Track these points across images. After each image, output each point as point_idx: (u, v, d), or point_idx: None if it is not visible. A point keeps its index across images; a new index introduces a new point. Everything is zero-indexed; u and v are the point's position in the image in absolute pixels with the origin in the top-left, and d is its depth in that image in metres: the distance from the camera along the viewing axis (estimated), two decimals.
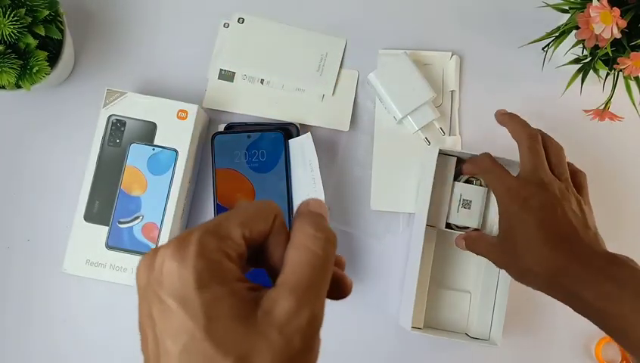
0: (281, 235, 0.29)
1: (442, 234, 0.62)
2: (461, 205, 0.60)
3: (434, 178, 0.59)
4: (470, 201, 0.60)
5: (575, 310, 0.47)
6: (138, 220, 0.58)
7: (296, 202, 0.60)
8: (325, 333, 0.27)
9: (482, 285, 0.62)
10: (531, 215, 0.49)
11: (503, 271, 0.59)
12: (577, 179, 0.54)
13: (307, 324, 0.25)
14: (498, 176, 0.53)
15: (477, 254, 0.56)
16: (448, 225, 0.61)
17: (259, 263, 0.30)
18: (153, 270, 0.26)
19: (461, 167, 0.61)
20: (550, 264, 0.48)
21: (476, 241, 0.56)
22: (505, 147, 0.58)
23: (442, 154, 0.61)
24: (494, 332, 0.60)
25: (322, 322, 0.27)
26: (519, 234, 0.50)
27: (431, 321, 0.62)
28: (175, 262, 0.25)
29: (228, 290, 0.25)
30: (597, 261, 0.47)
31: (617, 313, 0.44)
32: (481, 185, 0.61)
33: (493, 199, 0.61)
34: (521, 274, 0.50)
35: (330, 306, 0.28)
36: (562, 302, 0.48)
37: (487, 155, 0.56)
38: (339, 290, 0.30)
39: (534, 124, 0.64)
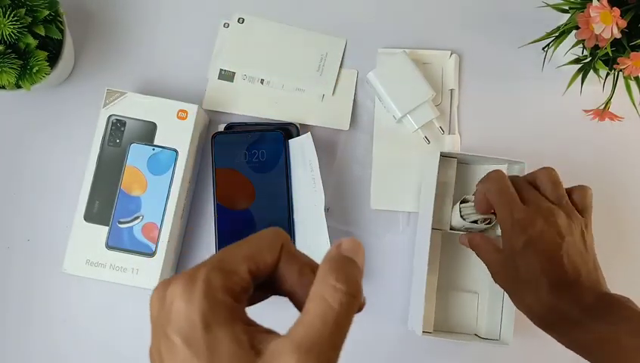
0: (291, 264, 0.28)
1: (448, 236, 0.62)
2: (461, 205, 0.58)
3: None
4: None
5: (569, 348, 0.47)
6: (138, 220, 0.58)
7: (297, 202, 0.60)
8: None
9: (489, 285, 0.62)
10: (535, 258, 0.47)
11: None
12: (580, 199, 0.51)
13: None
14: (506, 203, 0.50)
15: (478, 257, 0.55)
16: (453, 227, 0.60)
17: (276, 290, 0.29)
18: (164, 306, 0.26)
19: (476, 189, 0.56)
20: (550, 307, 0.47)
21: (479, 246, 0.54)
22: (504, 146, 0.58)
23: (443, 156, 0.61)
24: (504, 332, 0.59)
25: None
26: (522, 271, 0.48)
27: (441, 323, 0.62)
28: (182, 301, 0.25)
29: (230, 333, 0.25)
30: (597, 305, 0.46)
31: (615, 353, 0.44)
32: None
33: None
34: (517, 303, 0.49)
35: None
36: (556, 340, 0.48)
37: (498, 176, 0.52)
38: None
39: (534, 124, 0.65)
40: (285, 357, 0.24)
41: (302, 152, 0.60)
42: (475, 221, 0.57)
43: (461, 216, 0.57)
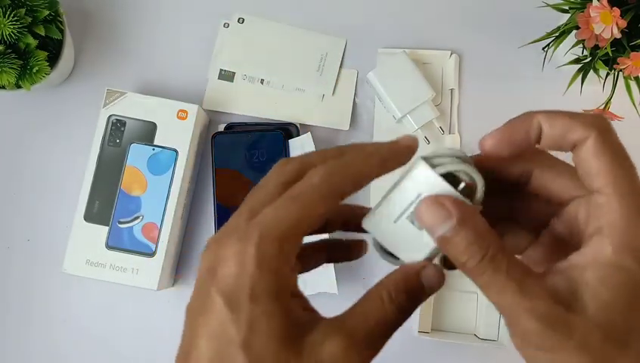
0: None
1: None
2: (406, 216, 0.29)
3: None
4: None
5: None
6: (138, 220, 0.58)
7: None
8: None
9: None
10: None
11: None
12: None
13: None
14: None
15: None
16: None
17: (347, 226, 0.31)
18: (213, 264, 0.25)
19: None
20: None
21: (480, 271, 0.28)
22: None
23: None
24: (502, 332, 0.59)
25: None
26: None
27: (439, 323, 0.62)
28: (234, 265, 0.24)
29: (280, 307, 0.24)
30: None
31: None
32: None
33: None
34: None
35: (333, 307, 0.28)
36: None
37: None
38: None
39: None
40: (336, 342, 0.24)
41: (302, 152, 0.60)
42: (452, 180, 0.28)
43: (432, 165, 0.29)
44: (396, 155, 0.28)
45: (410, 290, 0.27)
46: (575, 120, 0.26)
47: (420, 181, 0.28)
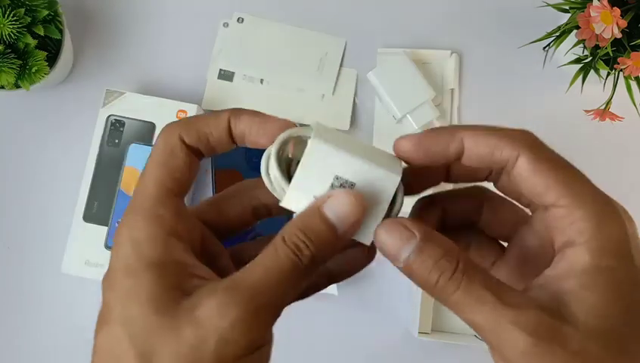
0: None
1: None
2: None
3: None
4: (353, 184, 0.26)
5: None
6: None
7: None
8: (328, 337, 0.26)
9: None
10: None
11: None
12: None
13: (231, 327, 0.22)
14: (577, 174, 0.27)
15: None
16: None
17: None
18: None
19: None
20: None
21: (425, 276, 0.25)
22: None
23: None
24: None
25: (267, 349, 0.24)
26: None
27: (439, 324, 0.61)
28: (113, 252, 0.24)
29: (153, 276, 0.23)
30: None
31: None
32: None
33: None
34: None
35: (332, 307, 0.28)
36: None
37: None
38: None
39: (535, 124, 0.64)
40: (214, 295, 0.22)
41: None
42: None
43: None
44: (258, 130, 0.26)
45: (308, 227, 0.24)
46: (501, 138, 0.25)
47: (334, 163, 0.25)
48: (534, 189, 0.24)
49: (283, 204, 0.26)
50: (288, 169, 0.26)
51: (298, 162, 0.25)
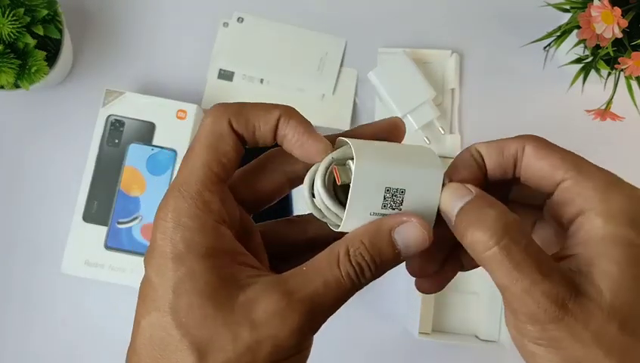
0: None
1: None
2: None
3: None
4: (403, 190, 0.26)
5: None
6: (137, 220, 0.58)
7: (297, 202, 0.60)
8: (327, 337, 0.26)
9: (489, 285, 0.61)
10: None
11: None
12: None
13: (289, 335, 0.22)
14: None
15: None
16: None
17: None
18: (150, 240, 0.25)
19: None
20: None
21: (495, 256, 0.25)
22: None
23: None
24: (504, 333, 0.59)
25: (307, 353, 0.24)
26: None
27: (439, 324, 0.61)
28: (156, 233, 0.24)
29: (206, 265, 0.23)
30: None
31: None
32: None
33: None
34: None
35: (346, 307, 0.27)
36: None
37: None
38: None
39: (535, 124, 0.64)
40: (271, 297, 0.22)
41: None
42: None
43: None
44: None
45: (376, 249, 0.24)
46: (506, 140, 0.27)
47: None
48: (540, 171, 0.25)
49: (341, 230, 0.25)
50: (333, 190, 0.26)
51: (341, 183, 0.25)
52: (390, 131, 0.27)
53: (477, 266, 0.26)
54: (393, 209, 0.25)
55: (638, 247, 0.23)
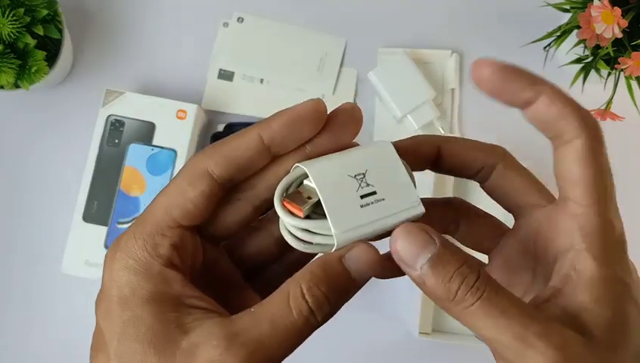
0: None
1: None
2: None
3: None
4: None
5: None
6: None
7: None
8: (327, 337, 0.25)
9: None
10: None
11: None
12: None
13: None
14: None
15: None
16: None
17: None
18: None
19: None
20: None
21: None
22: (506, 145, 0.58)
23: None
24: None
25: None
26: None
27: (440, 324, 0.61)
28: (105, 273, 0.23)
29: (151, 309, 0.22)
30: None
31: None
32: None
33: None
34: None
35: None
36: None
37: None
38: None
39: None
40: (213, 342, 0.21)
41: None
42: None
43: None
44: (290, 134, 0.25)
45: (330, 278, 0.22)
46: (573, 112, 0.23)
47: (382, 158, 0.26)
48: (570, 175, 0.23)
49: (339, 245, 0.24)
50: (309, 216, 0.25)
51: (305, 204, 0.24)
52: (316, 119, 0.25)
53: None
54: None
55: (628, 286, 0.22)
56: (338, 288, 0.23)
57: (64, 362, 0.62)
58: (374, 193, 0.24)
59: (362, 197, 0.24)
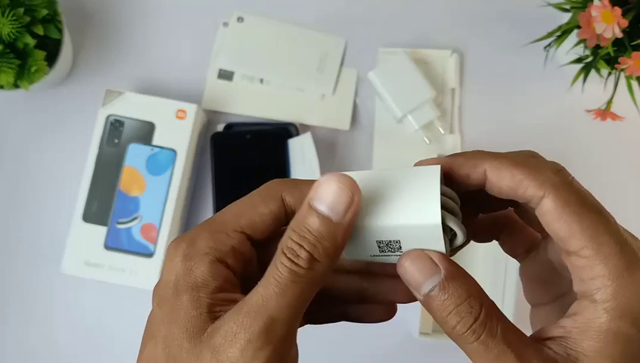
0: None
1: None
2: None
3: None
4: (398, 240, 0.25)
5: None
6: (137, 221, 0.58)
7: None
8: (327, 336, 0.26)
9: (489, 285, 0.61)
10: None
11: (511, 268, 0.57)
12: None
13: (242, 355, 0.22)
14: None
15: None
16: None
17: None
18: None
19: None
20: None
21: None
22: (506, 145, 0.58)
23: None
24: None
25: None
26: None
27: None
28: (167, 263, 0.25)
29: (192, 297, 0.23)
30: None
31: None
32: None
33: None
34: None
35: None
36: None
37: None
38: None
39: (535, 124, 0.64)
40: (226, 322, 0.23)
41: (302, 152, 0.60)
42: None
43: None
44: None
45: (300, 226, 0.23)
46: (527, 175, 0.23)
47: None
48: (557, 233, 0.23)
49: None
50: None
51: None
52: None
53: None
54: (393, 252, 0.25)
55: (634, 341, 0.22)
56: (311, 230, 0.23)
57: (64, 362, 0.62)
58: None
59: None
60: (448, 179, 0.25)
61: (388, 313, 0.29)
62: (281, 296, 0.22)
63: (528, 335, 0.24)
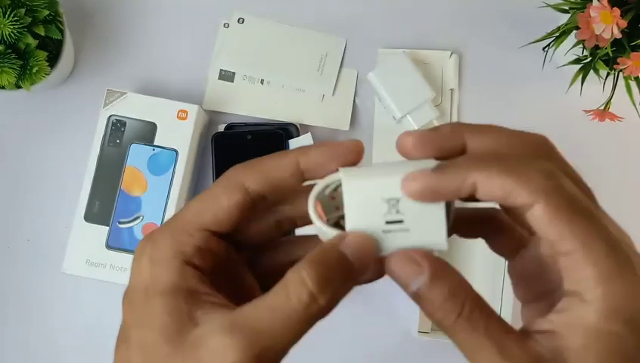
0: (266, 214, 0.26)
1: None
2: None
3: None
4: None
5: None
6: (139, 220, 0.58)
7: None
8: (327, 336, 0.26)
9: (488, 284, 0.61)
10: None
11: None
12: None
13: None
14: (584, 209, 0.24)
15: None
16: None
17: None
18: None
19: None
20: None
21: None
22: None
23: None
24: None
25: None
26: None
27: None
28: (134, 266, 0.25)
29: (165, 302, 0.23)
30: None
31: None
32: None
33: None
34: None
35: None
36: None
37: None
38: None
39: (534, 125, 0.64)
40: (218, 334, 0.22)
41: None
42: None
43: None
44: (320, 163, 0.25)
45: (321, 264, 0.23)
46: (517, 182, 0.23)
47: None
48: (549, 236, 0.23)
49: None
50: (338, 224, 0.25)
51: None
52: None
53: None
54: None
55: (624, 342, 0.22)
56: (337, 273, 0.23)
57: (65, 362, 0.62)
58: (401, 221, 0.24)
59: (388, 222, 0.24)
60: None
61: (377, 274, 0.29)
62: (286, 327, 0.22)
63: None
